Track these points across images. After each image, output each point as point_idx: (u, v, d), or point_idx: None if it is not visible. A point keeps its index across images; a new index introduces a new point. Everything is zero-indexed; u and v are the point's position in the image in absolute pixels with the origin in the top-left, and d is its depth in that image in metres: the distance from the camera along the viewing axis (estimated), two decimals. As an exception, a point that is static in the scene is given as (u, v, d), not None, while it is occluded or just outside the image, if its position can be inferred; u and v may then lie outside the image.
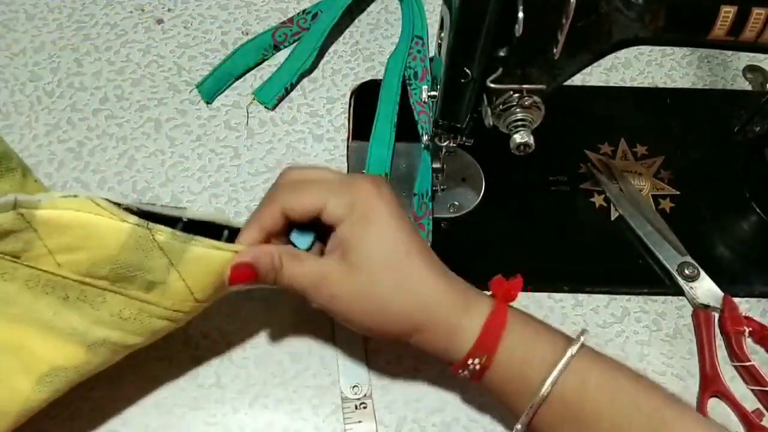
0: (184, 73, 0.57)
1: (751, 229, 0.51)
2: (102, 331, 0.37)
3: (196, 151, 0.53)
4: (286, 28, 0.59)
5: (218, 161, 0.53)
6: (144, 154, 0.53)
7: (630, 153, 0.54)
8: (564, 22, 0.34)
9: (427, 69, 0.55)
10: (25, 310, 0.36)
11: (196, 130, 0.54)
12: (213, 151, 0.53)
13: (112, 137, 0.54)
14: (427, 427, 0.43)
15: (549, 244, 0.50)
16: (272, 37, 0.58)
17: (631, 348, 0.46)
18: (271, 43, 0.58)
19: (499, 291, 0.38)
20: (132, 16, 0.60)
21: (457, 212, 0.51)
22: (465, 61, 0.37)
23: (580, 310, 0.48)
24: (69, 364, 0.37)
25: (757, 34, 0.36)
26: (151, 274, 0.36)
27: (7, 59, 0.57)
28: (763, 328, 0.46)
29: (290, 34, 0.59)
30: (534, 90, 0.37)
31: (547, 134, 0.40)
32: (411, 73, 0.56)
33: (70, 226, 0.35)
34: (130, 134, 0.54)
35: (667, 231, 0.49)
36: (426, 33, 0.58)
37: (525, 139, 0.38)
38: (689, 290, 0.48)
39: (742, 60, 0.60)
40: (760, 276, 0.49)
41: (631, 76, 0.59)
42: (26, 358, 0.36)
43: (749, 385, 0.45)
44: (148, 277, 0.36)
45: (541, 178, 0.52)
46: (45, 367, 0.36)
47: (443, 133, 0.45)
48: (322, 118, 0.55)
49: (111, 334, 0.37)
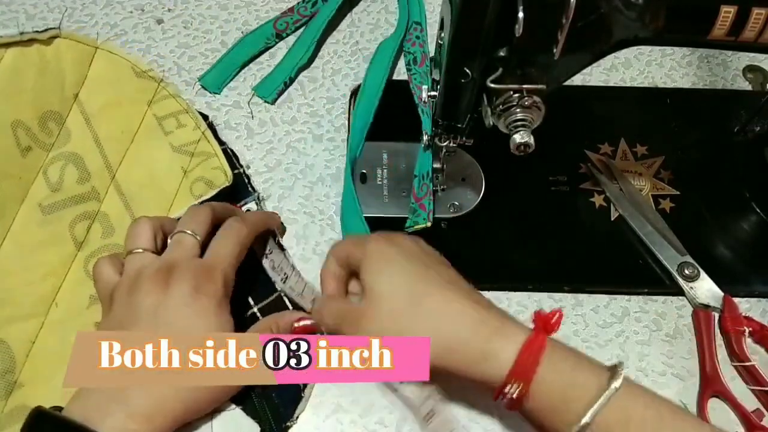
0: (184, 73, 0.57)
1: (751, 229, 0.51)
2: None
3: (196, 151, 0.53)
4: (287, 17, 0.59)
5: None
6: (144, 154, 0.53)
7: (630, 153, 0.54)
8: (564, 22, 0.34)
9: (426, 54, 0.55)
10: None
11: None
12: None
13: (112, 137, 0.53)
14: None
15: (549, 244, 0.50)
16: (273, 27, 0.59)
17: (631, 348, 0.46)
18: (273, 32, 0.59)
19: (540, 321, 0.37)
20: (132, 16, 0.60)
21: (457, 212, 0.51)
22: (465, 61, 0.37)
23: (580, 310, 0.48)
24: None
25: (757, 34, 0.36)
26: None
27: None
28: (763, 328, 0.46)
29: (291, 22, 0.59)
30: (534, 90, 0.37)
31: (547, 134, 0.40)
32: (411, 58, 0.56)
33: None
34: (130, 134, 0.54)
35: (667, 231, 0.49)
36: (424, 18, 0.58)
37: (525, 139, 0.38)
38: (689, 290, 0.48)
39: (742, 60, 0.60)
40: (760, 276, 0.49)
41: (631, 76, 0.59)
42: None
43: (749, 385, 0.45)
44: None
45: (541, 178, 0.52)
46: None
47: (443, 133, 0.45)
48: (322, 118, 0.55)
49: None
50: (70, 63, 0.51)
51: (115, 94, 0.51)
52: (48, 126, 0.49)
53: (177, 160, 0.50)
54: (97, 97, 0.51)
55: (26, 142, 0.47)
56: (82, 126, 0.50)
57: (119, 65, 0.52)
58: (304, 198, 0.51)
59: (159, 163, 0.50)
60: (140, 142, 0.51)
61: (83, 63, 0.51)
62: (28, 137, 0.47)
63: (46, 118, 0.49)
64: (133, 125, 0.51)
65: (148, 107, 0.52)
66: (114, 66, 0.52)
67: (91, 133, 0.50)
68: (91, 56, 0.52)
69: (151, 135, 0.51)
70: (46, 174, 0.48)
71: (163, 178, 0.50)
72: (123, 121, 0.51)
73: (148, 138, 0.51)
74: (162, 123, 0.51)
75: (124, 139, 0.51)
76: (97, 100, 0.51)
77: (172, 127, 0.51)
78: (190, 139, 0.51)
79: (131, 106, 0.52)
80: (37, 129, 0.48)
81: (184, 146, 0.50)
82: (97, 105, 0.51)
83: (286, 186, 0.52)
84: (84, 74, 0.51)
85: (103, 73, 0.52)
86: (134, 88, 0.52)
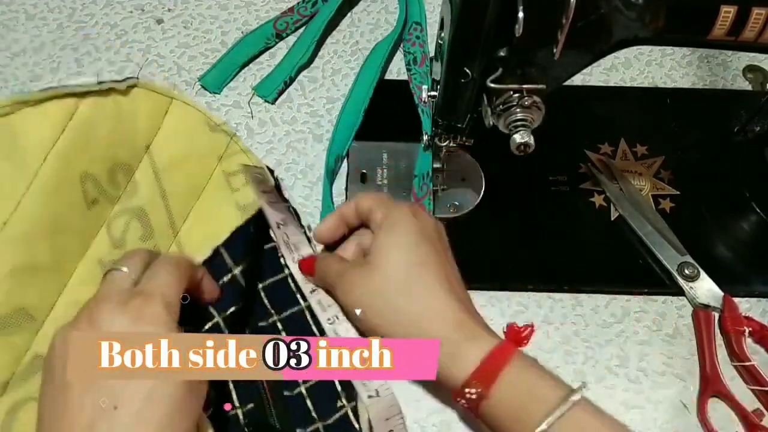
0: (184, 73, 0.57)
1: (751, 229, 0.51)
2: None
3: (196, 151, 0.53)
4: (287, 17, 0.59)
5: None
6: (144, 154, 0.53)
7: (630, 153, 0.54)
8: (564, 22, 0.34)
9: (426, 54, 0.55)
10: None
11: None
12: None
13: (112, 137, 0.53)
14: (427, 427, 0.43)
15: (549, 244, 0.50)
16: (274, 26, 0.59)
17: (631, 348, 0.46)
18: (273, 32, 0.59)
19: (511, 333, 0.39)
20: (132, 16, 0.60)
21: (457, 212, 0.51)
22: (465, 61, 0.37)
23: (580, 310, 0.48)
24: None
25: (757, 34, 0.36)
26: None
27: (7, 59, 0.57)
28: (763, 328, 0.46)
29: (291, 22, 0.59)
30: (534, 90, 0.37)
31: (547, 134, 0.40)
32: (410, 58, 0.56)
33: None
34: (130, 134, 0.54)
35: (667, 231, 0.49)
36: (424, 18, 0.58)
37: (525, 139, 0.38)
38: (689, 290, 0.48)
39: (742, 60, 0.60)
40: (760, 276, 0.49)
41: (631, 76, 0.59)
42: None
43: (749, 385, 0.45)
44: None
45: (541, 178, 0.52)
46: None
47: (443, 133, 0.45)
48: (322, 118, 0.55)
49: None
50: (144, 114, 0.47)
51: (187, 148, 0.48)
52: (117, 178, 0.45)
53: (240, 220, 0.46)
54: (168, 150, 0.47)
55: (94, 195, 0.44)
56: (151, 179, 0.47)
57: (193, 118, 0.48)
58: (304, 198, 0.51)
59: (223, 222, 0.46)
60: (206, 200, 0.48)
61: (158, 114, 0.47)
62: (96, 189, 0.44)
63: (115, 169, 0.45)
64: (201, 181, 0.48)
65: (218, 163, 0.49)
66: (188, 118, 0.48)
67: (159, 187, 0.47)
68: (166, 107, 0.48)
69: (218, 192, 0.48)
70: (109, 228, 0.45)
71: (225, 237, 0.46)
72: (192, 176, 0.48)
73: (214, 195, 0.48)
74: (230, 179, 0.48)
75: (192, 195, 0.48)
76: (169, 153, 0.47)
77: (239, 184, 0.48)
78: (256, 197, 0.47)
79: (202, 160, 0.48)
80: (106, 181, 0.45)
81: (249, 205, 0.47)
82: (168, 158, 0.47)
83: (286, 186, 0.52)
84: (158, 126, 0.47)
85: (176, 126, 0.48)
86: (207, 142, 0.49)
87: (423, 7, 0.59)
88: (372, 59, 0.57)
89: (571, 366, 0.45)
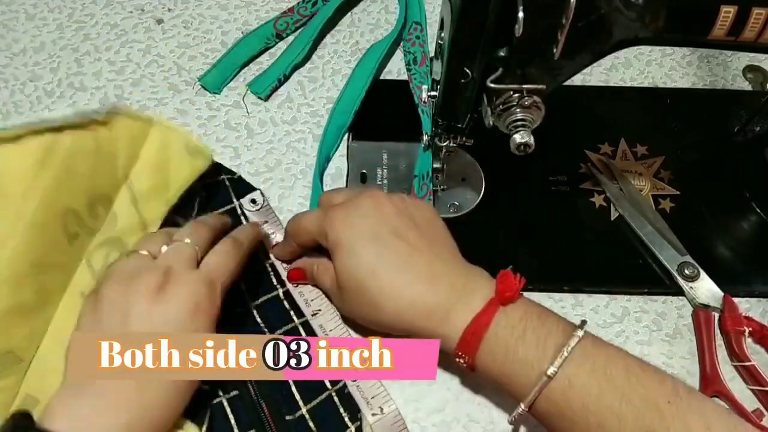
0: (184, 73, 0.57)
1: (751, 229, 0.51)
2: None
3: (196, 151, 0.53)
4: (287, 17, 0.59)
5: (218, 161, 0.52)
6: (144, 154, 0.53)
7: (630, 153, 0.54)
8: (564, 22, 0.34)
9: (426, 54, 0.55)
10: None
11: (197, 130, 0.54)
12: (213, 150, 0.53)
13: (112, 137, 0.53)
14: (427, 427, 0.43)
15: (549, 244, 0.50)
16: (274, 27, 0.59)
17: (631, 348, 0.46)
18: (273, 32, 0.59)
19: (499, 285, 0.39)
20: (132, 16, 0.60)
21: (457, 212, 0.51)
22: (465, 61, 0.37)
23: (580, 310, 0.48)
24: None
25: (757, 34, 0.36)
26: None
27: (7, 59, 0.57)
28: (763, 328, 0.46)
29: (291, 22, 0.59)
30: (534, 90, 0.37)
31: (547, 134, 0.40)
32: (411, 58, 0.56)
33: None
34: (130, 134, 0.54)
35: (667, 231, 0.49)
36: (424, 18, 0.58)
37: (525, 139, 0.38)
38: (689, 290, 0.48)
39: (742, 60, 0.60)
40: (760, 276, 0.49)
41: (631, 76, 0.59)
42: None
43: (749, 385, 0.45)
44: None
45: (541, 178, 0.53)
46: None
47: (443, 133, 0.45)
48: (322, 118, 0.55)
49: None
50: (124, 143, 0.45)
51: (165, 175, 0.47)
52: (97, 211, 0.44)
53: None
54: (147, 179, 0.46)
55: (74, 229, 0.43)
56: (129, 208, 0.45)
57: (173, 143, 0.47)
58: (304, 198, 0.51)
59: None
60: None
61: (138, 142, 0.46)
62: (76, 224, 0.43)
63: (95, 202, 0.44)
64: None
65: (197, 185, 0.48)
66: (167, 144, 0.47)
67: (138, 215, 0.45)
68: (145, 134, 0.46)
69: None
70: (89, 261, 0.44)
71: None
72: (171, 202, 0.47)
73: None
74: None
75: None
76: (147, 182, 0.46)
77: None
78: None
79: (181, 186, 0.47)
80: (86, 215, 0.43)
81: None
82: (147, 187, 0.46)
83: (286, 186, 0.52)
84: (137, 153, 0.46)
85: (155, 153, 0.47)
86: (186, 167, 0.47)
87: (423, 7, 0.59)
88: (366, 60, 0.57)
89: (571, 366, 0.45)
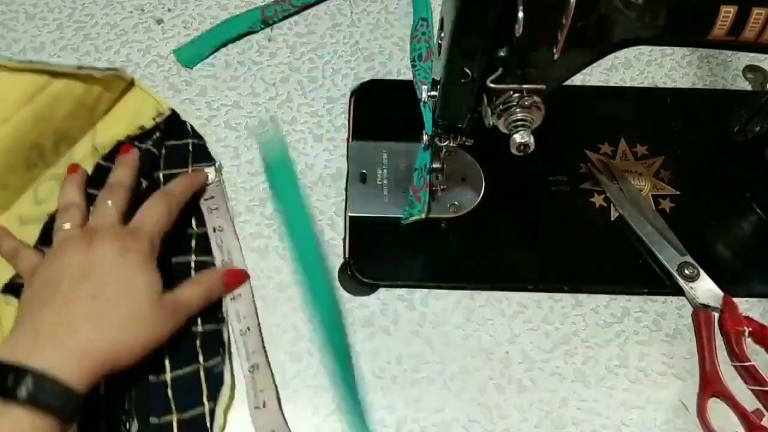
0: (184, 73, 0.57)
1: (751, 229, 0.51)
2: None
3: (196, 151, 0.53)
4: (278, 5, 0.60)
5: (218, 161, 0.52)
6: (144, 154, 0.53)
7: (630, 153, 0.54)
8: (564, 22, 0.34)
9: (431, 50, 0.55)
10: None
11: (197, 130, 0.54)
12: (213, 150, 0.53)
13: (112, 137, 0.53)
14: (427, 427, 0.43)
15: (549, 244, 0.50)
16: (261, 13, 0.59)
17: (631, 348, 0.46)
18: (260, 18, 0.59)
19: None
20: (132, 16, 0.60)
21: (457, 212, 0.51)
22: (465, 61, 0.37)
23: (580, 310, 0.48)
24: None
25: (757, 34, 0.36)
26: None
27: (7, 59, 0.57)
28: (763, 328, 0.46)
29: (280, 11, 0.59)
30: (534, 90, 0.37)
31: (547, 134, 0.39)
32: (416, 54, 0.56)
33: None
34: (130, 134, 0.54)
35: (667, 231, 0.49)
36: (430, 14, 0.58)
37: (525, 139, 0.38)
38: (689, 290, 0.48)
39: (742, 60, 0.60)
40: (760, 276, 0.49)
41: (631, 76, 0.59)
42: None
43: (749, 385, 0.45)
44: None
45: (541, 178, 0.52)
46: None
47: (443, 133, 0.45)
48: (322, 118, 0.55)
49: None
50: (106, 98, 0.52)
51: (128, 130, 0.52)
52: (59, 148, 0.50)
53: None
54: (111, 130, 0.52)
55: (34, 161, 0.49)
56: (87, 154, 0.51)
57: (145, 104, 0.53)
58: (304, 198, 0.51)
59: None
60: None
61: (115, 98, 0.52)
62: (37, 156, 0.49)
63: (60, 141, 0.50)
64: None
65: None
66: (138, 103, 0.53)
67: (93, 161, 0.50)
68: (123, 92, 0.53)
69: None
70: (36, 190, 0.49)
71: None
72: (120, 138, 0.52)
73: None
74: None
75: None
76: (110, 133, 0.52)
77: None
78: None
79: (136, 126, 0.52)
80: (49, 150, 0.49)
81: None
82: (109, 138, 0.51)
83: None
84: (110, 108, 0.52)
85: (125, 109, 0.53)
86: (147, 124, 0.53)
87: (429, 3, 0.59)
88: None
89: (571, 366, 0.45)
